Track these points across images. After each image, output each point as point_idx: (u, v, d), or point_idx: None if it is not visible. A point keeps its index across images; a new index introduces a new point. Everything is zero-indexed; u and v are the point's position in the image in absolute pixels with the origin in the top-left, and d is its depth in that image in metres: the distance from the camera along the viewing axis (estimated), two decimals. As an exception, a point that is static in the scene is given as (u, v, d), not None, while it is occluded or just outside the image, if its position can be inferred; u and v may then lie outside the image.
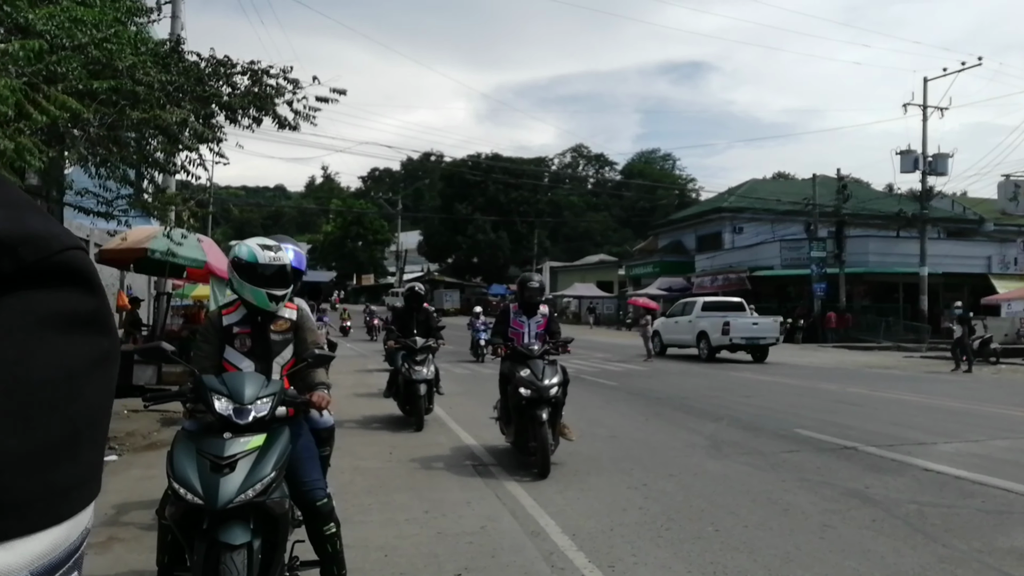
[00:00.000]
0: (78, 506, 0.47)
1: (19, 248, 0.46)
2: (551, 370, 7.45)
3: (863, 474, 7.28)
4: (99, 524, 5.49)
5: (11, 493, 0.42)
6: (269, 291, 3.75)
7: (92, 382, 0.49)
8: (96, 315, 0.50)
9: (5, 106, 5.41)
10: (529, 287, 8.03)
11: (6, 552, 0.42)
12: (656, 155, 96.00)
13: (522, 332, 7.85)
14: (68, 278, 0.48)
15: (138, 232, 11.65)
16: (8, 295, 0.45)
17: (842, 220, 36.23)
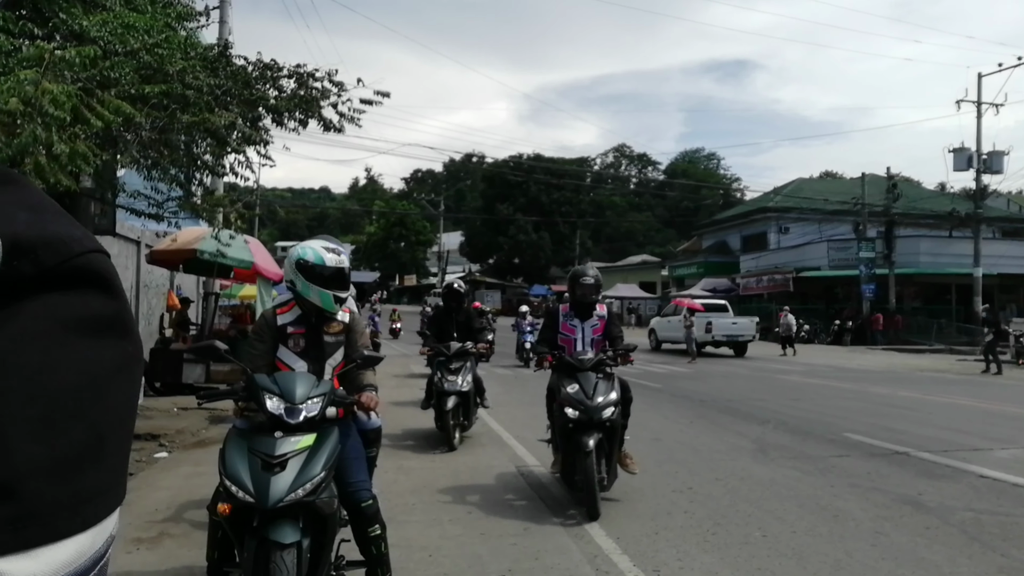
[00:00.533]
0: (103, 513, 0.46)
1: (39, 251, 0.45)
2: (606, 386, 6.06)
3: (916, 480, 7.12)
4: (150, 519, 5.60)
5: (36, 501, 0.42)
6: (335, 293, 3.80)
7: (116, 387, 0.48)
8: (118, 318, 0.49)
9: (62, 111, 5.54)
10: (582, 283, 6.44)
11: (32, 560, 0.42)
12: (700, 154, 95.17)
13: (573, 339, 6.46)
14: (89, 281, 0.48)
15: (187, 233, 11.86)
16: (30, 300, 0.45)
17: (892, 220, 35.52)
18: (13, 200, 0.47)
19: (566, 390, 6.03)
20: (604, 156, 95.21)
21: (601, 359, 6.22)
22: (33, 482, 0.42)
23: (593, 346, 6.42)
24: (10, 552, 0.41)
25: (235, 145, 8.53)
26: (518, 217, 68.31)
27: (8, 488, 0.41)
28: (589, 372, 6.10)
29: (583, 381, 6.04)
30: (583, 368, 6.13)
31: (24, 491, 0.41)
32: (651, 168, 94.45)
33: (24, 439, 0.42)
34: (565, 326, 6.53)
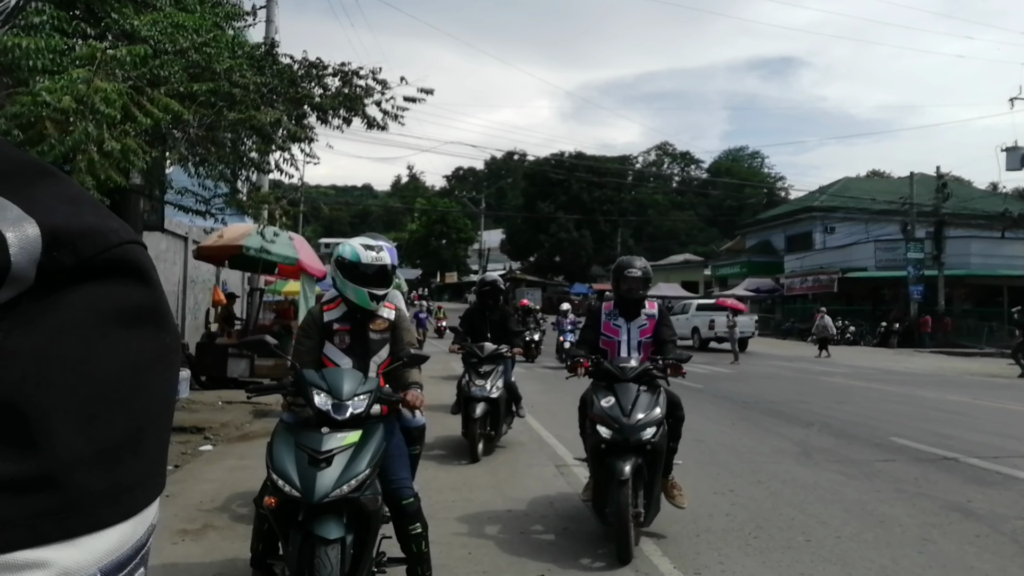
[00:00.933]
0: (143, 502, 0.47)
1: (78, 242, 0.46)
2: (648, 400, 5.08)
3: (965, 487, 6.95)
4: (195, 511, 5.69)
5: (79, 491, 0.43)
6: (371, 290, 3.81)
7: (155, 377, 0.49)
8: (155, 309, 0.50)
9: (113, 109, 5.67)
10: (628, 276, 5.47)
11: (75, 549, 0.42)
12: (744, 153, 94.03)
13: (617, 341, 5.54)
14: (127, 272, 0.48)
15: (233, 229, 12.03)
16: (69, 291, 0.45)
17: (941, 220, 34.75)
18: (52, 192, 0.48)
19: (600, 403, 5.08)
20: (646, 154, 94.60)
21: (646, 369, 5.21)
22: (76, 473, 0.43)
23: (640, 350, 5.48)
24: (55, 541, 0.41)
25: (280, 142, 8.63)
26: (559, 215, 68.16)
27: (52, 478, 0.42)
28: (630, 383, 5.13)
29: (621, 394, 5.08)
30: (623, 378, 5.17)
31: (68, 481, 0.42)
32: (694, 166, 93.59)
33: (67, 430, 0.42)
34: (608, 326, 5.58)
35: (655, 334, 5.53)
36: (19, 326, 0.43)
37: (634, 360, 5.33)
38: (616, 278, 5.60)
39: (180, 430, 8.66)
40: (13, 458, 0.41)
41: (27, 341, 0.43)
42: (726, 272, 52.21)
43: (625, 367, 5.23)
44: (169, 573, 4.38)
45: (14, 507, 0.40)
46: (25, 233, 0.44)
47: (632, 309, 5.55)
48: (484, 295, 9.02)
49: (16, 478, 0.41)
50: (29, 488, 0.41)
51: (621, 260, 5.74)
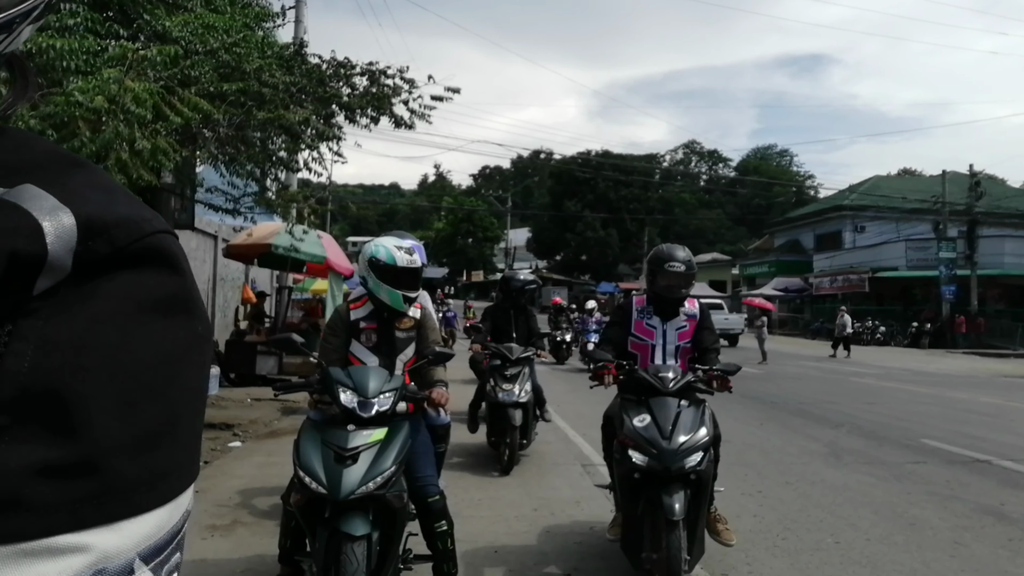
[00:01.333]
0: (179, 488, 0.48)
1: (112, 231, 0.47)
2: (692, 418, 4.18)
3: (998, 490, 6.84)
4: (224, 507, 5.75)
5: (118, 477, 0.43)
6: (405, 293, 3.84)
7: (189, 365, 0.49)
8: (189, 298, 0.50)
9: (144, 108, 5.73)
10: (669, 271, 4.52)
11: (114, 534, 0.43)
12: (772, 151, 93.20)
13: (650, 345, 4.66)
14: (160, 262, 0.49)
15: (262, 228, 12.14)
16: (105, 280, 0.46)
17: (974, 219, 34.17)
18: (85, 183, 0.49)
19: (632, 423, 4.14)
20: (674, 152, 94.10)
21: (689, 380, 4.31)
22: (114, 459, 0.43)
23: (677, 357, 4.61)
24: (95, 525, 0.42)
25: (309, 141, 8.69)
26: (586, 214, 68.00)
27: (92, 464, 0.42)
28: (669, 398, 4.22)
29: (658, 410, 4.15)
30: (663, 390, 4.23)
31: (106, 467, 0.43)
32: (722, 165, 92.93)
33: (105, 417, 0.43)
34: (640, 326, 4.67)
35: (695, 338, 4.66)
36: (57, 315, 0.44)
37: (671, 370, 4.35)
38: (652, 272, 4.61)
39: (209, 427, 8.75)
40: (53, 444, 0.41)
41: (65, 329, 0.44)
42: (754, 271, 51.79)
43: (665, 376, 4.26)
44: (199, 568, 4.42)
45: (55, 492, 0.41)
46: (61, 222, 0.45)
47: (669, 307, 4.66)
48: (513, 294, 8.37)
49: (56, 464, 0.41)
50: (69, 474, 0.42)
51: (660, 250, 4.68)
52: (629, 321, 4.73)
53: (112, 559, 0.43)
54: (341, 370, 3.60)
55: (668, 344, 4.64)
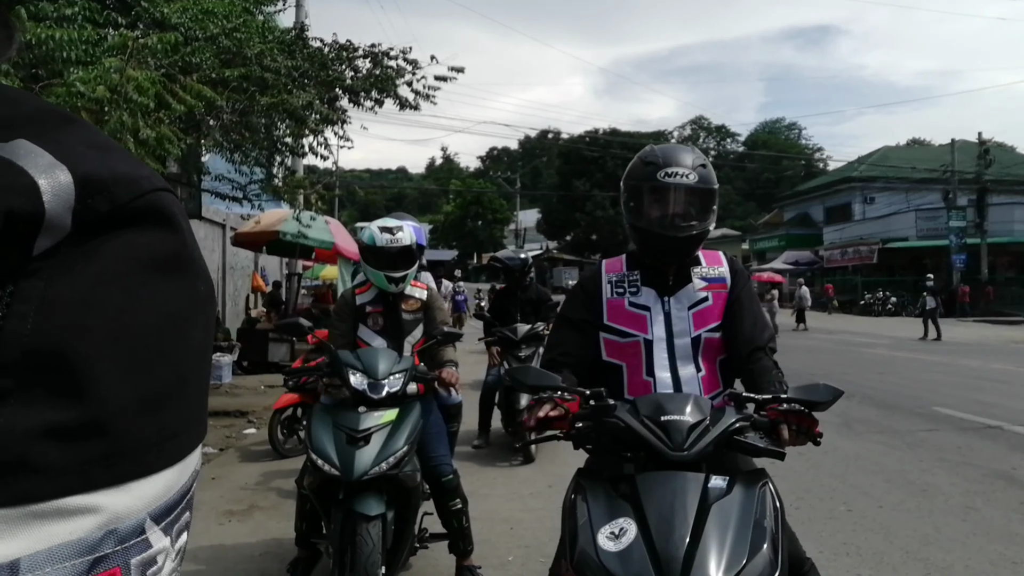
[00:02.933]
0: (187, 448, 0.47)
1: (111, 188, 0.45)
2: (737, 525, 1.85)
3: (1009, 454, 6.82)
4: (242, 491, 5.79)
5: (126, 437, 0.43)
6: (387, 273, 3.82)
7: (195, 325, 0.49)
8: (191, 259, 0.49)
9: (146, 97, 5.71)
10: (665, 182, 2.36)
11: (125, 494, 0.43)
12: (781, 124, 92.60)
13: (641, 343, 2.41)
14: (161, 221, 0.48)
15: (270, 215, 12.14)
16: (107, 239, 0.45)
17: (984, 187, 33.91)
18: (80, 139, 0.47)
19: (597, 539, 1.87)
20: (681, 129, 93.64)
21: (730, 432, 2.05)
22: (122, 419, 0.43)
23: (701, 364, 2.42)
24: (105, 487, 0.42)
25: (313, 126, 8.67)
26: (595, 193, 67.79)
27: (100, 425, 0.42)
28: (683, 474, 1.96)
29: (657, 504, 1.89)
30: (669, 454, 1.98)
31: (115, 428, 0.43)
32: (730, 140, 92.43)
33: (111, 378, 0.43)
34: (619, 310, 2.47)
35: (729, 326, 2.46)
36: (60, 275, 0.43)
37: (692, 407, 2.07)
38: (634, 195, 2.49)
39: (224, 414, 8.80)
40: (61, 406, 0.41)
41: (69, 290, 0.43)
42: (764, 245, 51.61)
43: (674, 422, 2.03)
44: (217, 553, 4.46)
45: (64, 454, 0.41)
46: (58, 180, 0.43)
47: (671, 268, 2.49)
48: (509, 274, 8.08)
49: (65, 425, 0.41)
50: (78, 435, 0.41)
51: (647, 153, 2.52)
52: (597, 308, 2.50)
53: (123, 519, 0.42)
54: (350, 353, 3.60)
55: (676, 338, 2.42)
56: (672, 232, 2.38)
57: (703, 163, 2.43)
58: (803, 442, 2.12)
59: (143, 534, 0.44)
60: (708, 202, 2.44)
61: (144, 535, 0.44)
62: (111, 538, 0.42)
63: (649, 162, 2.43)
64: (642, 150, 2.58)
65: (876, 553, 4.46)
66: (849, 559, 4.39)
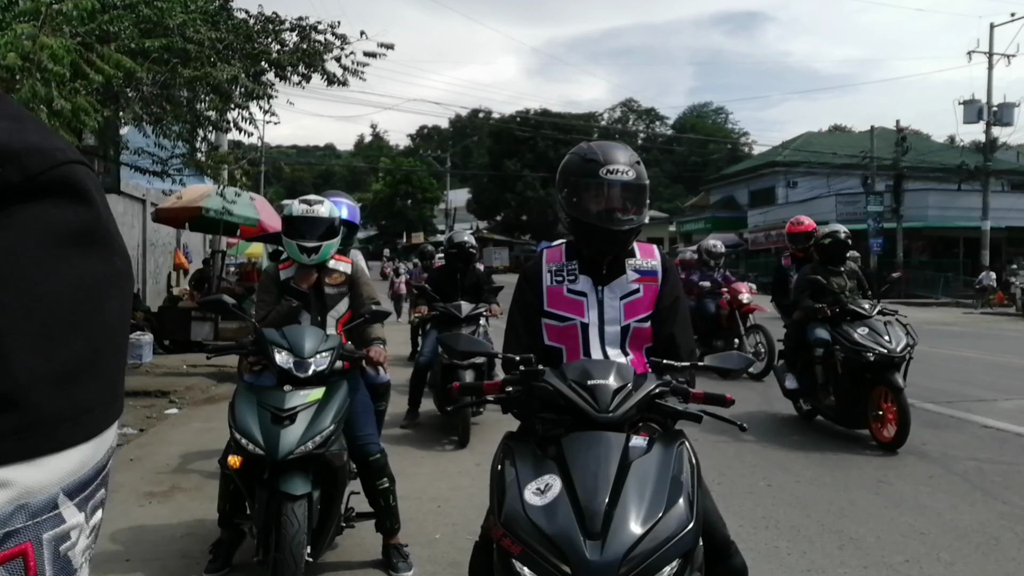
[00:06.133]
0: (103, 424, 0.47)
1: (23, 158, 0.44)
2: (655, 479, 2.06)
3: (920, 431, 7.12)
4: (163, 472, 5.67)
5: (38, 411, 0.42)
6: (300, 243, 3.79)
7: (109, 300, 0.48)
8: (107, 232, 0.49)
9: (61, 66, 5.50)
10: (606, 178, 2.53)
11: (36, 469, 0.42)
12: (708, 109, 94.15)
13: (578, 325, 2.60)
14: (75, 193, 0.47)
15: (192, 191, 11.82)
16: (19, 210, 0.44)
17: (900, 173, 35.19)
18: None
19: (523, 495, 2.06)
20: (611, 111, 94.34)
21: (652, 395, 2.29)
22: (35, 393, 0.42)
23: (627, 345, 2.61)
24: (16, 461, 0.41)
25: (238, 100, 8.47)
26: (526, 173, 67.95)
27: (11, 399, 0.41)
28: (605, 434, 2.15)
29: (581, 461, 2.09)
30: (593, 415, 2.18)
31: (27, 402, 0.42)
32: (659, 123, 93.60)
33: (24, 351, 0.42)
34: (557, 296, 2.64)
35: (658, 317, 2.64)
36: None
37: (616, 373, 2.27)
38: (572, 190, 2.60)
39: (144, 394, 8.59)
40: None
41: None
42: (691, 228, 52.56)
43: (599, 386, 2.22)
44: (137, 535, 4.37)
45: None
46: None
47: (606, 259, 2.65)
48: (452, 257, 7.92)
49: None
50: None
51: (583, 149, 2.66)
52: (539, 295, 2.67)
53: (34, 494, 0.42)
54: (276, 331, 3.56)
55: (607, 325, 2.59)
56: (613, 226, 2.55)
57: (637, 160, 2.64)
58: (719, 402, 2.44)
59: (56, 509, 0.43)
60: (643, 197, 2.64)
61: (57, 510, 0.43)
62: (22, 513, 0.41)
63: (590, 159, 2.58)
64: (578, 146, 2.75)
65: (793, 526, 4.63)
66: (768, 532, 4.55)
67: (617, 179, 2.54)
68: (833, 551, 4.26)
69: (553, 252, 2.77)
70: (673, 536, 1.97)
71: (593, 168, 2.54)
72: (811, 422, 7.53)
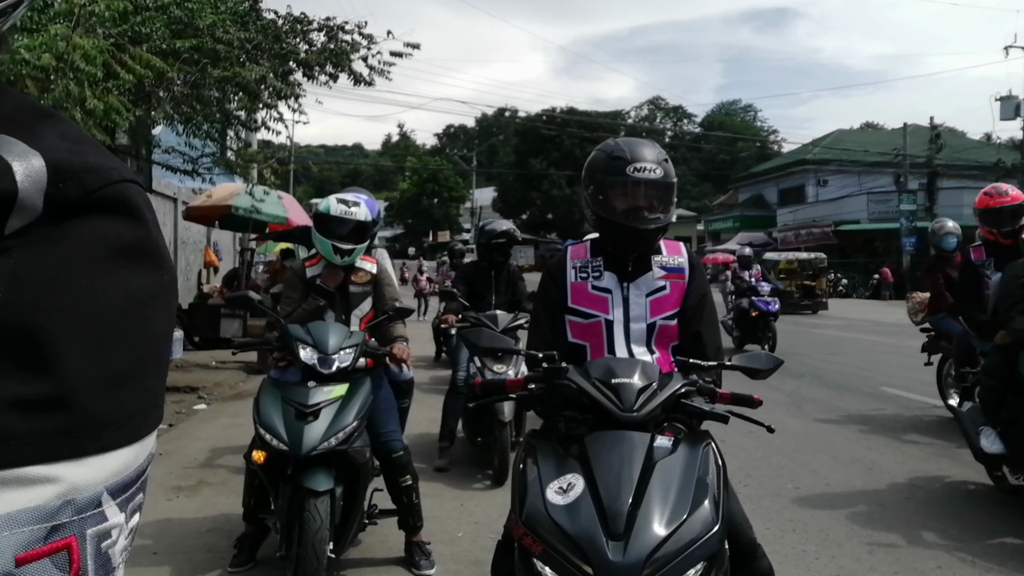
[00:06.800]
0: (145, 430, 0.50)
1: (82, 175, 0.48)
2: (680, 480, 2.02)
3: (954, 434, 7.02)
4: (190, 468, 5.74)
5: (87, 414, 0.45)
6: (335, 243, 3.80)
7: (155, 313, 0.51)
8: (155, 248, 0.52)
9: (93, 67, 5.58)
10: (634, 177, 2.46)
11: (83, 468, 0.45)
12: (737, 106, 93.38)
13: (602, 322, 2.54)
14: (128, 210, 0.50)
15: (222, 189, 11.95)
16: (76, 223, 0.47)
17: (934, 171, 34.71)
18: (55, 132, 0.50)
19: (546, 492, 2.01)
20: (638, 109, 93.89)
21: (678, 395, 2.24)
22: (84, 396, 0.45)
23: (653, 343, 2.55)
24: (65, 459, 0.44)
25: (266, 100, 8.54)
26: (551, 172, 67.83)
27: (63, 400, 0.44)
28: (628, 433, 2.10)
29: (604, 460, 2.04)
30: (617, 414, 2.14)
31: (77, 404, 0.44)
32: (686, 121, 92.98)
33: (76, 355, 0.45)
34: (582, 293, 2.58)
35: (687, 311, 2.59)
36: (30, 254, 0.45)
37: (640, 372, 2.24)
38: (599, 188, 2.55)
39: (174, 390, 8.69)
40: (27, 380, 0.43)
41: (38, 269, 0.45)
42: (719, 227, 52.20)
43: (624, 384, 2.18)
44: (164, 528, 4.42)
45: (28, 425, 0.43)
46: (31, 164, 0.46)
47: (633, 256, 2.59)
48: (491, 250, 6.46)
49: (30, 398, 0.43)
50: (42, 408, 0.43)
51: (610, 147, 2.59)
52: (563, 291, 2.61)
53: (80, 491, 0.44)
54: (300, 327, 3.59)
55: (633, 323, 2.53)
56: (639, 224, 2.49)
57: (665, 158, 2.57)
58: (748, 403, 2.40)
59: (99, 507, 0.45)
60: (671, 195, 2.58)
61: (100, 508, 0.46)
62: (68, 508, 0.44)
63: (617, 156, 2.52)
64: (603, 143, 2.68)
65: (822, 530, 4.57)
66: (795, 536, 4.50)
67: (644, 177, 2.48)
68: (863, 556, 4.20)
69: (578, 248, 2.72)
70: (698, 538, 1.92)
71: (620, 166, 2.49)
72: (841, 426, 7.42)
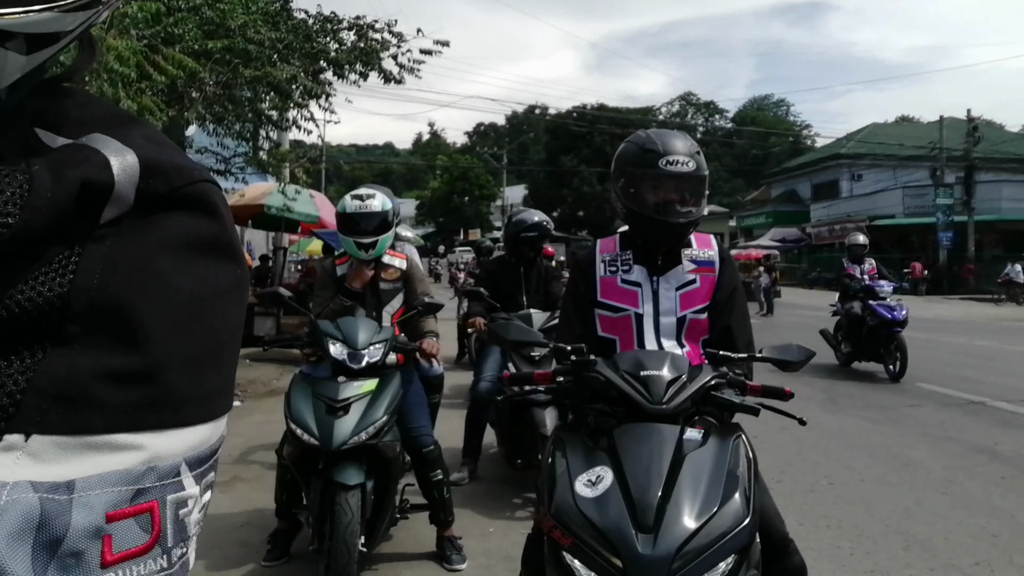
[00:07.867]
0: (219, 411, 0.53)
1: (169, 172, 0.53)
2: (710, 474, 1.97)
3: (992, 429, 6.91)
4: (224, 463, 5.80)
5: (169, 388, 0.49)
6: (357, 239, 3.82)
7: (230, 302, 0.55)
8: (232, 243, 0.56)
9: (127, 67, 5.66)
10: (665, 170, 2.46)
11: (165, 438, 0.48)
12: (769, 101, 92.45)
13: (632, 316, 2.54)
14: (208, 207, 0.55)
15: (255, 189, 12.07)
16: (163, 216, 0.52)
17: (972, 164, 34.01)
18: (142, 135, 0.55)
19: (575, 485, 1.98)
20: (670, 105, 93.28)
21: (707, 388, 2.19)
22: (168, 372, 0.49)
23: (683, 336, 2.53)
24: (149, 429, 0.48)
25: (298, 99, 8.61)
26: (582, 169, 67.62)
27: (149, 374, 0.48)
28: (658, 426, 2.05)
29: (633, 453, 2.00)
30: (647, 406, 2.09)
31: (161, 379, 0.48)
32: (718, 116, 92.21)
33: (162, 334, 0.49)
34: (612, 287, 2.58)
35: (717, 305, 2.57)
36: (121, 242, 0.50)
37: (670, 364, 2.19)
38: (629, 180, 2.54)
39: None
40: (118, 353, 0.47)
41: (129, 255, 0.49)
42: (751, 223, 51.70)
43: (653, 376, 2.14)
44: (199, 523, 4.47)
45: (116, 395, 0.47)
46: (126, 159, 0.51)
47: (662, 249, 2.57)
48: (520, 243, 5.82)
49: (120, 371, 0.47)
50: (130, 381, 0.47)
51: (641, 138, 2.60)
52: (592, 285, 2.60)
53: (163, 459, 0.48)
54: (330, 323, 3.61)
55: (663, 316, 2.52)
56: (671, 218, 2.48)
57: (697, 150, 2.53)
58: (781, 396, 2.34)
59: (178, 476, 0.49)
60: (702, 188, 2.57)
61: (179, 477, 0.49)
62: (152, 474, 0.47)
63: (648, 149, 2.49)
64: (634, 135, 2.66)
65: (856, 526, 4.51)
66: (830, 532, 4.45)
67: (676, 171, 2.45)
68: (898, 552, 4.14)
69: (607, 242, 2.70)
70: (728, 531, 1.88)
71: (652, 158, 2.47)
72: (876, 422, 7.32)
